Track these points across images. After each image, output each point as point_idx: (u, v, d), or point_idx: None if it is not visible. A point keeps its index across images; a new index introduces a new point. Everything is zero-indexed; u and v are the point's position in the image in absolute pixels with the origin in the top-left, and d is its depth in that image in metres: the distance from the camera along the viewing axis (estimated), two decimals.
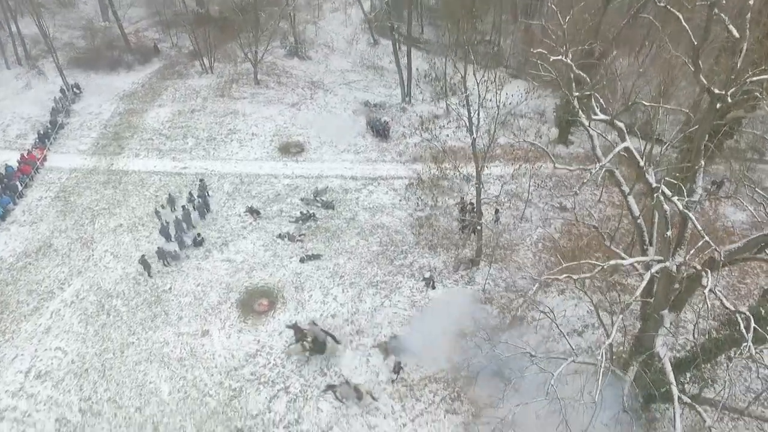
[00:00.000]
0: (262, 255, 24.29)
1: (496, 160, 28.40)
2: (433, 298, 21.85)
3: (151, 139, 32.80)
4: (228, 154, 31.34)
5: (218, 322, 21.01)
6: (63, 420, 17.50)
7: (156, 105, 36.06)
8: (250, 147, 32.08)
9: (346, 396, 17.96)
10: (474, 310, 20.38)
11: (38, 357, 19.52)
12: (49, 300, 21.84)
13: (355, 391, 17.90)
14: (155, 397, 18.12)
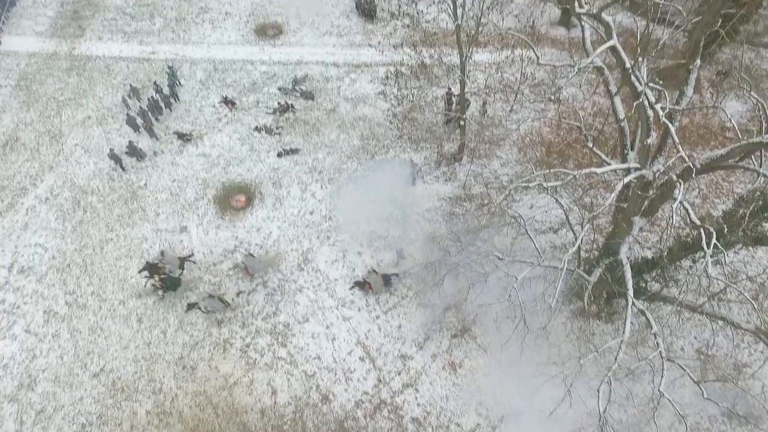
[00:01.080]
0: (239, 149, 23.47)
1: (487, 46, 26.10)
2: (413, 194, 21.55)
3: (115, 19, 29.84)
4: (199, 38, 28.75)
5: (196, 219, 20.97)
6: (51, 312, 18.27)
7: None
8: (223, 29, 29.31)
9: (212, 307, 18.03)
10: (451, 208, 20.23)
11: (19, 253, 19.80)
12: (22, 196, 21.55)
13: (220, 300, 18.11)
14: (137, 291, 18.71)
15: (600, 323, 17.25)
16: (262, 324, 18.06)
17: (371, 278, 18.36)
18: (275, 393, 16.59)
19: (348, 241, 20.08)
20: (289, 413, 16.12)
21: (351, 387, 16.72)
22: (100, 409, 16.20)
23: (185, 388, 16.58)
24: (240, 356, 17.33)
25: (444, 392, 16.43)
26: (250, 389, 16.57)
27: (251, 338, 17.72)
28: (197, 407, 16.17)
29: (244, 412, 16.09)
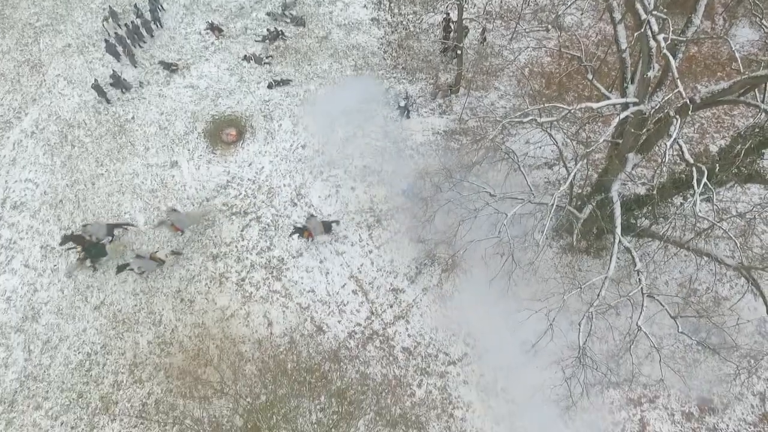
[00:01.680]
0: (228, 80, 22.59)
1: None
2: (407, 128, 21.05)
3: None
4: None
5: (186, 153, 20.63)
6: (47, 247, 18.48)
7: None
8: None
9: (145, 267, 17.56)
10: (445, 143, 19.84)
11: (10, 188, 19.68)
12: (8, 130, 21.06)
13: (152, 259, 17.65)
14: (132, 227, 18.81)
15: (588, 259, 17.50)
16: (257, 258, 18.33)
17: (310, 223, 18.09)
18: (271, 324, 17.18)
19: (341, 176, 19.89)
20: (285, 343, 16.80)
21: (344, 319, 17.28)
22: (103, 339, 16.87)
23: (184, 320, 17.16)
24: (236, 290, 17.76)
25: (434, 324, 17.00)
26: (246, 321, 17.15)
27: (246, 272, 18.07)
28: (196, 338, 16.83)
29: (241, 342, 16.76)
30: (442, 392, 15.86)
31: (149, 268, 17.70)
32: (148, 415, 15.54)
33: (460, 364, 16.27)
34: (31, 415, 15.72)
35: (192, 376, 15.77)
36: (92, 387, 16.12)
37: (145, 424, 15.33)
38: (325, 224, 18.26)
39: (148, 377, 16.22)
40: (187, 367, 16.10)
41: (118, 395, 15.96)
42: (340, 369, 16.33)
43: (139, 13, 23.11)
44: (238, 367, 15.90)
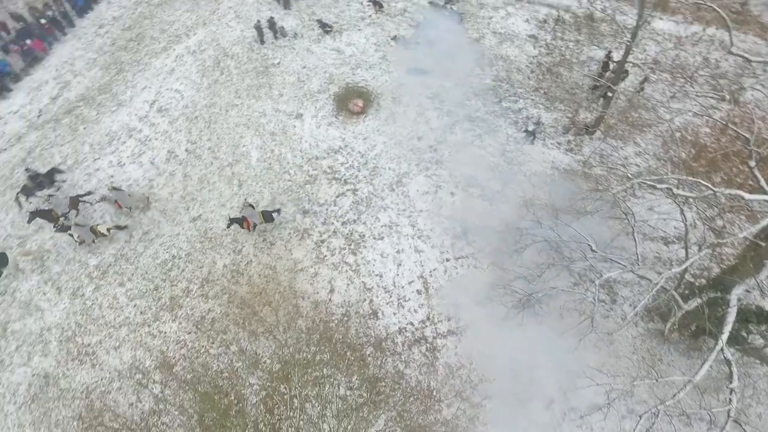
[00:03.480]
0: (372, 54, 23.29)
1: (675, 15, 22.37)
2: (527, 153, 20.29)
3: None
4: None
5: (312, 110, 21.68)
6: (173, 153, 20.54)
7: None
8: None
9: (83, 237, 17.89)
10: (561, 181, 18.81)
11: (161, 93, 22.08)
12: (176, 43, 23.57)
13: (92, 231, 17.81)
14: (245, 160, 20.27)
15: (675, 353, 15.80)
16: (341, 227, 18.88)
17: (246, 212, 17.92)
18: (332, 292, 17.68)
19: (445, 178, 19.74)
20: (339, 314, 17.21)
21: (400, 313, 17.28)
22: (189, 248, 18.47)
23: (260, 258, 18.24)
24: (313, 248, 18.47)
25: (485, 352, 16.41)
26: (312, 280, 17.81)
27: (327, 236, 18.70)
28: (264, 278, 17.82)
29: (301, 297, 17.46)
30: (471, 422, 15.33)
31: (86, 238, 18.23)
32: (202, 327, 16.81)
33: (497, 402, 15.60)
34: (115, 289, 17.72)
35: (250, 310, 16.75)
36: (167, 285, 17.76)
37: (198, 334, 16.61)
38: (265, 214, 18.27)
39: (214, 296, 17.51)
40: (249, 300, 17.13)
41: (185, 301, 17.43)
42: (379, 358, 16.40)
43: None
44: (291, 318, 16.59)
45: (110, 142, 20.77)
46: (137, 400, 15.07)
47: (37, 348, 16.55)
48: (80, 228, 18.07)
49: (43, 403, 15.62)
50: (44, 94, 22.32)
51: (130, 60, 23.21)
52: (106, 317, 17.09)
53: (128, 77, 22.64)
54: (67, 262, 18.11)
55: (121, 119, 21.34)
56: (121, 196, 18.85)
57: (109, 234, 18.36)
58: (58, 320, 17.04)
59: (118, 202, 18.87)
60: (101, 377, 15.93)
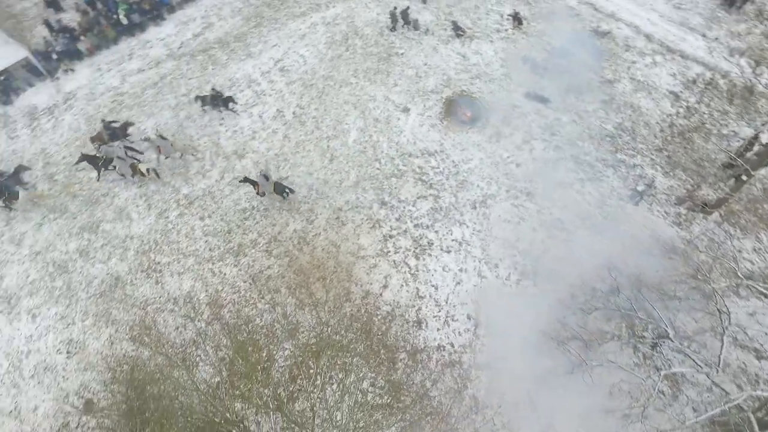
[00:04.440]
0: (496, 68, 22.72)
1: None
2: (628, 213, 18.80)
3: None
4: None
5: (421, 107, 21.62)
6: (281, 112, 21.51)
7: None
8: None
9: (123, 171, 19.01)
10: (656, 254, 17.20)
11: (287, 54, 23.15)
12: (315, 11, 24.53)
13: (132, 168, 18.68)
14: (343, 137, 20.73)
15: None
16: (413, 228, 18.76)
17: (260, 179, 18.55)
18: (385, 288, 17.67)
19: (532, 212, 18.88)
20: (384, 311, 17.18)
21: (444, 331, 16.90)
22: (269, 204, 19.27)
23: (328, 234, 18.64)
24: (380, 240, 18.55)
25: (517, 401, 15.60)
26: (369, 270, 17.91)
27: (397, 233, 18.67)
28: (327, 253, 18.20)
29: (354, 283, 17.64)
30: None
31: (126, 173, 19.45)
32: (258, 281, 17.56)
33: None
34: (195, 220, 19.01)
35: (304, 279, 17.21)
36: (239, 232, 18.72)
37: (251, 287, 17.38)
38: (278, 186, 18.68)
39: (277, 255, 18.20)
40: (306, 270, 17.60)
41: (250, 251, 18.29)
42: (410, 367, 16.17)
43: None
44: (339, 300, 16.81)
45: (230, 87, 22.17)
46: (183, 327, 16.12)
47: (118, 251, 18.23)
48: (122, 162, 19.39)
49: (108, 300, 17.22)
50: (189, 30, 24.29)
51: (269, 17, 24.53)
52: (180, 243, 18.41)
53: (263, 32, 23.97)
54: (164, 184, 19.69)
55: (246, 69, 22.69)
56: (165, 144, 19.88)
57: (146, 174, 19.44)
58: (141, 233, 18.63)
59: (160, 148, 19.90)
60: (160, 295, 17.24)
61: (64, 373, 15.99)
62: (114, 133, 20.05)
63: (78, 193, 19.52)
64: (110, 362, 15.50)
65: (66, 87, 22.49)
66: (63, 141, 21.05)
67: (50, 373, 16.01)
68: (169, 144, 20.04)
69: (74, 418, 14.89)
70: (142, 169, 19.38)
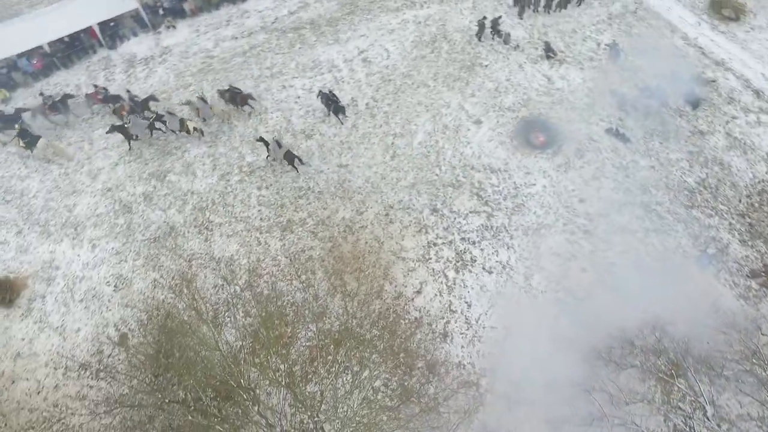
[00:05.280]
0: (581, 97, 21.83)
1: None
2: (689, 274, 17.52)
3: None
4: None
5: (493, 122, 21.19)
6: (355, 101, 21.81)
7: None
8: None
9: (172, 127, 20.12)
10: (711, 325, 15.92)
11: (373, 46, 23.41)
12: (409, 8, 24.64)
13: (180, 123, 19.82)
14: (409, 137, 20.73)
15: None
16: (459, 241, 18.48)
17: (272, 145, 19.39)
18: (419, 293, 17.54)
19: (585, 252, 18.06)
20: (413, 317, 17.07)
21: (468, 349, 16.57)
22: (324, 187, 19.63)
23: (374, 228, 18.74)
24: (424, 246, 18.42)
25: None
26: (406, 273, 17.84)
27: (442, 242, 18.47)
28: (368, 247, 18.30)
29: (389, 282, 17.64)
30: None
31: (174, 128, 20.31)
32: (298, 259, 17.97)
33: None
34: (252, 189, 19.70)
35: (342, 267, 17.43)
36: (291, 209, 19.21)
37: (288, 265, 17.79)
38: (288, 154, 19.37)
39: (321, 238, 18.53)
40: (346, 259, 17.81)
41: (297, 229, 18.74)
42: (426, 377, 15.99)
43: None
44: (370, 295, 16.88)
45: (312, 68, 22.76)
46: (220, 287, 16.83)
47: (177, 203, 19.27)
48: (172, 117, 20.35)
49: (159, 246, 18.27)
50: (286, 7, 25.15)
51: (364, 7, 24.91)
52: (234, 208, 19.18)
53: (354, 20, 24.37)
54: (231, 149, 20.57)
55: (330, 54, 23.18)
56: (204, 107, 20.66)
57: (193, 132, 20.34)
58: (202, 190, 19.58)
59: (199, 110, 20.65)
60: (206, 252, 18.07)
61: (108, 305, 17.18)
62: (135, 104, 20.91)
63: (154, 141, 20.79)
64: (149, 304, 16.48)
65: (164, 42, 23.97)
66: (151, 91, 22.43)
67: (97, 301, 17.25)
68: (208, 107, 20.81)
69: (108, 347, 15.95)
70: (189, 127, 20.31)
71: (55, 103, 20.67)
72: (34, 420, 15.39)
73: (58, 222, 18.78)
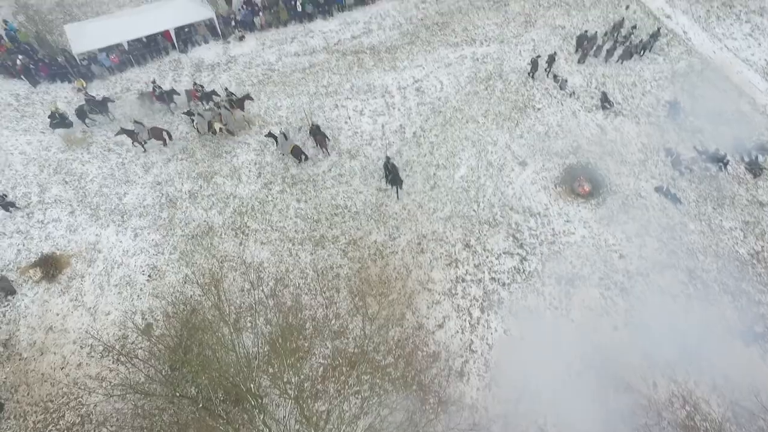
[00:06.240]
0: (633, 152, 21.26)
1: None
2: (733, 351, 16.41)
3: None
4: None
5: (539, 166, 20.91)
6: (403, 128, 22.07)
7: None
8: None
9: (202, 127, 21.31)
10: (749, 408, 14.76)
11: (428, 77, 23.77)
12: (468, 45, 24.95)
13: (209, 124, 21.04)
14: (451, 170, 20.73)
15: None
16: (488, 281, 18.12)
17: (280, 138, 20.40)
18: (440, 327, 17.24)
19: (620, 310, 17.31)
20: (431, 350, 16.74)
21: (484, 393, 16.02)
22: (361, 208, 19.78)
23: (403, 255, 18.67)
24: (452, 280, 18.18)
25: None
26: (431, 305, 17.62)
27: (471, 279, 18.18)
28: (396, 273, 18.24)
29: (411, 311, 17.46)
30: None
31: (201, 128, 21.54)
32: (323, 276, 18.09)
33: None
34: (292, 201, 20.09)
35: (366, 290, 17.43)
36: (326, 225, 19.47)
37: (315, 279, 17.92)
38: (295, 149, 20.46)
39: (351, 258, 18.63)
40: (371, 282, 17.82)
41: (329, 245, 18.92)
42: (435, 414, 15.54)
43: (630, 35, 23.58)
44: (390, 321, 16.75)
45: (366, 91, 23.29)
46: (246, 291, 17.12)
47: (219, 205, 19.93)
48: (201, 118, 21.36)
49: (195, 244, 18.88)
50: (349, 31, 25.99)
51: (424, 38, 25.43)
52: (272, 216, 19.63)
53: (413, 51, 24.89)
54: (278, 158, 21.18)
55: (385, 80, 23.69)
56: (226, 114, 21.49)
57: (219, 132, 21.34)
58: (244, 195, 20.19)
59: (221, 116, 21.43)
60: (238, 256, 18.51)
61: (139, 293, 17.80)
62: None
63: (207, 143, 21.71)
64: (177, 298, 16.97)
65: (232, 51, 25.22)
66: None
67: (130, 288, 17.91)
68: (230, 114, 21.71)
69: (133, 334, 16.45)
70: (216, 127, 21.31)
71: (163, 93, 22.24)
72: (54, 394, 15.97)
73: (107, 207, 19.78)
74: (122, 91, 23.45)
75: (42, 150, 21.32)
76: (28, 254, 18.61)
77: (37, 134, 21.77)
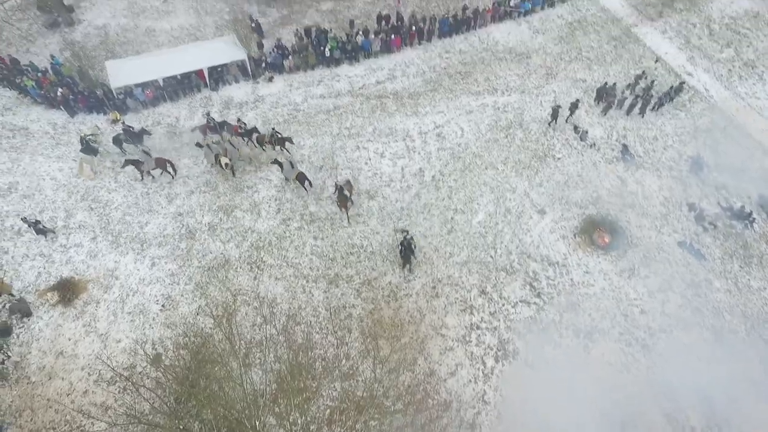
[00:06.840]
0: (655, 205, 21.04)
1: None
2: (762, 418, 15.50)
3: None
4: None
5: (558, 215, 20.76)
6: (422, 171, 22.26)
7: None
8: None
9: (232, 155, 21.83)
10: None
11: (449, 123, 24.15)
12: (490, 94, 25.45)
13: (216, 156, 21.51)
14: (469, 215, 20.69)
15: None
16: (503, 329, 17.73)
17: (285, 165, 21.05)
18: (452, 375, 16.76)
19: (640, 367, 16.68)
20: (443, 398, 16.21)
21: None
22: (377, 248, 19.74)
23: (418, 299, 18.43)
24: (466, 327, 17.80)
25: None
26: (444, 351, 17.19)
27: (485, 327, 17.78)
28: (409, 316, 17.96)
29: (423, 356, 17.05)
30: None
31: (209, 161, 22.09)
32: (336, 316, 17.88)
33: None
34: (308, 238, 20.17)
35: (378, 332, 17.09)
36: (341, 264, 19.42)
37: (327, 318, 17.72)
38: (300, 175, 20.89)
39: (364, 299, 18.45)
40: (384, 324, 17.50)
41: (342, 284, 18.81)
42: None
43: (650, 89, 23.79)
44: (401, 366, 16.29)
45: (387, 135, 23.74)
46: (258, 326, 16.96)
47: (237, 238, 20.12)
48: (208, 149, 21.88)
49: (211, 276, 18.96)
50: (374, 76, 26.81)
51: (447, 87, 26.06)
52: (288, 253, 19.70)
53: (436, 97, 25.48)
54: (298, 197, 21.47)
55: (407, 124, 24.17)
56: (232, 149, 22.05)
57: (224, 168, 21.76)
58: (262, 230, 20.38)
59: (227, 150, 21.85)
60: (252, 290, 18.48)
61: (152, 322, 17.79)
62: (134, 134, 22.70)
63: (230, 177, 22.20)
64: (189, 330, 16.86)
65: (260, 91, 26.16)
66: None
67: (143, 316, 17.93)
68: (235, 150, 22.32)
69: (141, 363, 16.32)
70: (222, 162, 21.79)
71: (215, 125, 23.26)
72: (57, 421, 15.76)
73: (128, 235, 20.12)
74: (153, 124, 24.31)
75: (72, 177, 22.03)
76: (48, 277, 18.89)
77: (69, 161, 22.56)
